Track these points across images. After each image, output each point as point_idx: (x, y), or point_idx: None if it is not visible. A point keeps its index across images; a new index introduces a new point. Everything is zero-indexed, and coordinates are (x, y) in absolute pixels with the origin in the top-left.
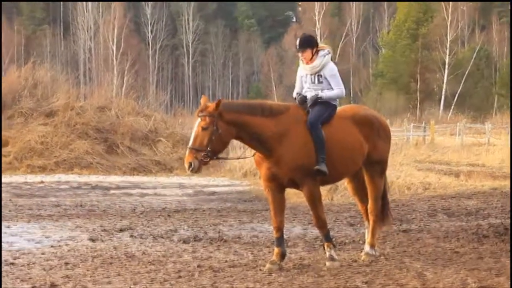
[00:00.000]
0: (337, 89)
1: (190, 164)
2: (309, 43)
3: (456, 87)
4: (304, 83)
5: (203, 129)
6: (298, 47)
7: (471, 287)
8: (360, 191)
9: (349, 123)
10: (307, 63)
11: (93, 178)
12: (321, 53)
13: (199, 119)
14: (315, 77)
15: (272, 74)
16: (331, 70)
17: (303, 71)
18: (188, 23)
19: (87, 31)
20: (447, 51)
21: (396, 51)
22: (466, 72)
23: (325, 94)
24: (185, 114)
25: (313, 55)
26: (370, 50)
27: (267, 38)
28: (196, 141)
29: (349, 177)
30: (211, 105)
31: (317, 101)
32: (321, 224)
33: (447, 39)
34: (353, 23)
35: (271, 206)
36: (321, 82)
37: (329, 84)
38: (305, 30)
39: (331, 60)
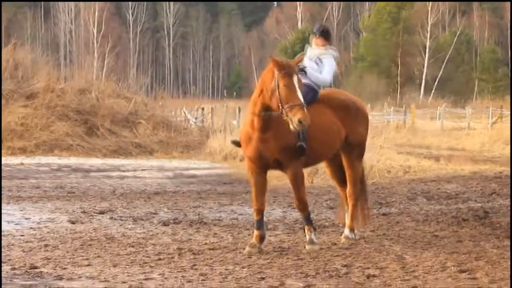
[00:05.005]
0: (325, 75)
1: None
2: (327, 35)
3: (437, 71)
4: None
5: (302, 84)
6: (316, 31)
7: (451, 270)
8: (339, 175)
9: (326, 108)
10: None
11: (73, 160)
12: (332, 47)
13: (296, 76)
14: (316, 59)
15: (252, 58)
16: (331, 60)
17: (308, 52)
18: (169, 6)
19: (68, 14)
20: (428, 35)
21: (377, 35)
22: (447, 57)
23: (311, 72)
24: (165, 97)
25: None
26: (351, 34)
27: (248, 22)
28: (302, 98)
29: (326, 160)
30: (296, 62)
31: (301, 71)
32: (302, 206)
33: (428, 23)
34: (334, 7)
35: (253, 188)
36: (317, 64)
37: (321, 71)
38: (286, 14)
39: (335, 61)
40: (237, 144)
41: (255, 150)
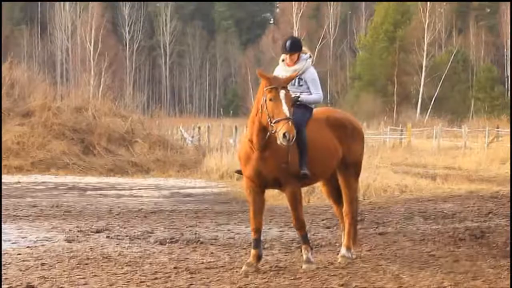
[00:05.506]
0: (316, 94)
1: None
2: (298, 47)
3: (433, 90)
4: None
5: (291, 100)
6: (287, 49)
7: None
8: (335, 194)
9: (323, 126)
10: (288, 65)
11: (70, 179)
12: (303, 56)
13: (283, 91)
14: (296, 79)
15: (249, 76)
16: (312, 74)
17: (283, 72)
18: (166, 24)
19: (64, 31)
20: (424, 54)
21: (373, 53)
22: (443, 76)
23: (305, 97)
24: (162, 115)
25: (298, 59)
26: (347, 52)
27: (245, 40)
28: (290, 112)
29: (323, 179)
30: (287, 78)
31: (295, 103)
32: (300, 225)
33: (424, 42)
34: (330, 25)
35: (251, 207)
36: (301, 85)
37: (308, 88)
38: (282, 32)
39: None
40: (240, 172)
41: (254, 169)
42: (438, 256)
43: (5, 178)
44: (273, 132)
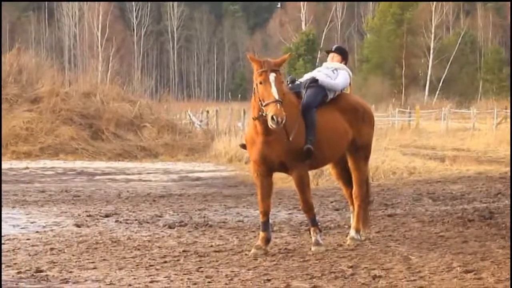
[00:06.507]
0: (337, 81)
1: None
2: (343, 53)
3: (441, 72)
4: (318, 67)
5: (282, 82)
6: (332, 48)
7: (456, 270)
8: (344, 176)
9: (333, 109)
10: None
11: (78, 164)
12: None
13: (274, 74)
14: (332, 68)
15: None
16: (346, 75)
17: (324, 64)
18: (173, 9)
19: (72, 17)
20: (432, 36)
21: (381, 36)
22: (451, 57)
23: (323, 80)
24: (170, 100)
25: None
26: (355, 35)
27: (252, 24)
28: (280, 95)
29: (333, 162)
30: (279, 61)
31: (312, 82)
32: (308, 208)
33: (432, 24)
34: (338, 8)
35: (259, 191)
36: (333, 73)
37: (335, 78)
38: (290, 16)
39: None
40: (245, 147)
41: (259, 153)
42: (447, 237)
43: (14, 164)
44: (264, 115)
